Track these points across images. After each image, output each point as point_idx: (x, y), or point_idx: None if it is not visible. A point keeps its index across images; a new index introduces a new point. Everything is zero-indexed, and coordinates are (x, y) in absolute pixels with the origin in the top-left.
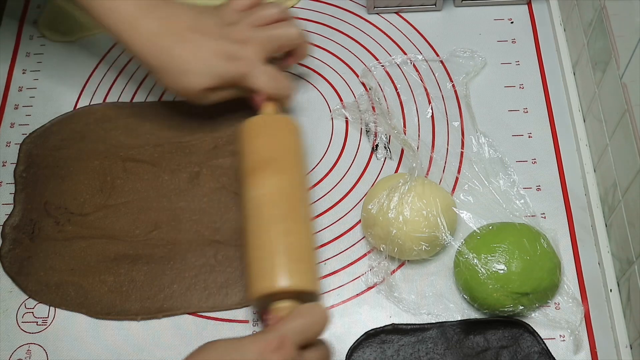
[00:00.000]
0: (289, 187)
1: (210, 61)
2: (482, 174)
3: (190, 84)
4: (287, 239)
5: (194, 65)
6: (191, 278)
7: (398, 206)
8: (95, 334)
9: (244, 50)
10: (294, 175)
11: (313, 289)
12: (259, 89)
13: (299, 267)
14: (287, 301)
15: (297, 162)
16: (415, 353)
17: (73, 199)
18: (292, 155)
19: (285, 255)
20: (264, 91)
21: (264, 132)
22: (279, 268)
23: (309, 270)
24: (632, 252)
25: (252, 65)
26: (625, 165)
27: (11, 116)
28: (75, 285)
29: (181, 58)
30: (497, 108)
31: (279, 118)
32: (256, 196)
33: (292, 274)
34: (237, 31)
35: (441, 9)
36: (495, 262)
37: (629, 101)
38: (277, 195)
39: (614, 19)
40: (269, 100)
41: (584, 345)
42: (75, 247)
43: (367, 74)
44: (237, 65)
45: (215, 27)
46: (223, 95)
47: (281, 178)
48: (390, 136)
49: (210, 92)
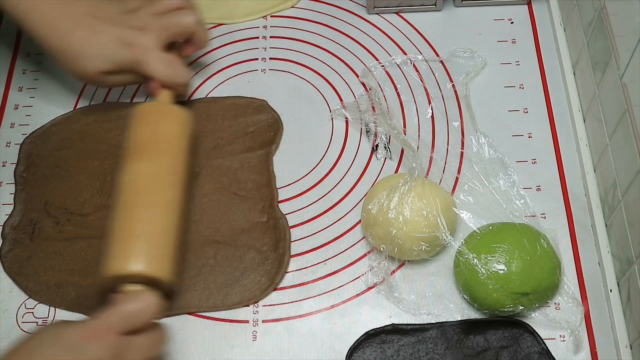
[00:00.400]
0: (157, 175)
1: (106, 46)
2: (482, 174)
3: (86, 67)
4: (146, 225)
5: (90, 50)
6: (191, 278)
7: (398, 206)
8: None
9: (140, 37)
10: (167, 163)
11: (164, 278)
12: (153, 76)
13: (153, 253)
14: (138, 286)
15: (172, 151)
16: (415, 353)
17: (73, 199)
18: (168, 144)
19: (142, 241)
20: (157, 78)
21: (147, 119)
22: (132, 252)
23: (163, 258)
24: (632, 252)
25: (147, 51)
26: (625, 165)
27: (11, 116)
28: (75, 285)
29: (78, 42)
30: (497, 108)
31: (166, 106)
32: (125, 181)
33: (143, 259)
34: (136, 18)
35: (441, 9)
36: (495, 262)
37: (629, 101)
38: (143, 181)
39: (614, 19)
40: (164, 87)
41: (584, 346)
42: (75, 247)
43: (367, 74)
44: (132, 51)
45: (114, 14)
46: (120, 80)
47: (151, 166)
48: (390, 136)
49: (106, 75)
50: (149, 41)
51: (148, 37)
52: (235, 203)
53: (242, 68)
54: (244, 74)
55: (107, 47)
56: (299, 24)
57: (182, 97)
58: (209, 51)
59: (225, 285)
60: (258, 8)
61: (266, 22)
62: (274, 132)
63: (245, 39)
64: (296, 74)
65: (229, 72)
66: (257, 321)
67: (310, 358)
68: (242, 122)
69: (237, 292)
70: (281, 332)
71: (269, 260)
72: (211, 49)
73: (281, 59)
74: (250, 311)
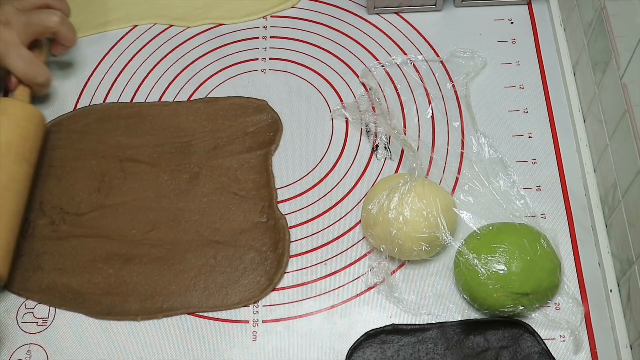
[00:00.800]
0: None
1: None
2: (482, 174)
3: None
4: None
5: None
6: (191, 278)
7: (398, 206)
8: (95, 334)
9: (3, 31)
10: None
11: None
12: (12, 70)
13: None
14: None
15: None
16: (416, 353)
17: (69, 199)
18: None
19: None
20: (15, 74)
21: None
22: None
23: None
24: (632, 252)
25: (7, 46)
26: (625, 166)
27: None
28: (74, 286)
29: None
30: (497, 108)
31: (15, 104)
32: None
33: None
34: (2, 12)
35: (441, 9)
36: (495, 262)
37: (629, 101)
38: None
39: (614, 19)
40: (21, 84)
41: (584, 346)
42: (66, 246)
43: (367, 74)
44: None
45: None
46: None
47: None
48: (390, 136)
49: None
50: (11, 36)
51: (10, 32)
52: (235, 203)
53: (242, 68)
54: (244, 74)
55: None
56: (299, 24)
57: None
58: (209, 51)
59: (225, 285)
60: (258, 8)
61: (266, 22)
62: (274, 132)
63: (245, 39)
64: (296, 74)
65: (229, 72)
66: (257, 321)
67: (310, 358)
68: (242, 122)
69: (237, 292)
70: (281, 332)
71: (269, 261)
72: (211, 49)
73: (281, 59)
74: (250, 311)
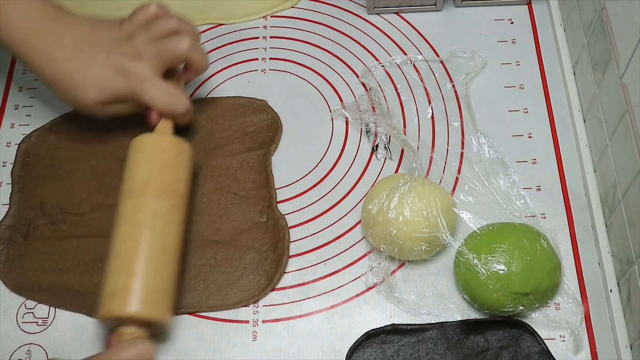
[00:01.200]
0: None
1: (101, 77)
2: (482, 174)
3: (82, 98)
4: (146, 265)
5: (86, 80)
6: (191, 278)
7: (398, 206)
8: (95, 334)
9: (135, 66)
10: (170, 200)
11: (162, 320)
12: (151, 105)
13: (153, 295)
14: (133, 327)
15: (174, 188)
16: (416, 353)
17: (69, 199)
18: (172, 181)
19: (141, 282)
20: (155, 107)
21: (145, 152)
22: (131, 293)
23: (162, 300)
24: (632, 252)
25: (144, 80)
26: (625, 166)
27: (11, 116)
28: (74, 286)
29: (74, 72)
30: (497, 108)
31: (165, 139)
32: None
33: (143, 301)
34: (132, 45)
35: (441, 9)
36: (495, 262)
37: (629, 101)
38: (146, 219)
39: (614, 19)
40: (163, 117)
41: (584, 346)
42: (67, 246)
43: (367, 74)
44: (128, 81)
45: (110, 41)
46: (118, 109)
47: (156, 203)
48: (390, 136)
49: (103, 106)
50: (146, 69)
51: (144, 65)
52: (235, 203)
53: (242, 68)
54: (244, 74)
55: (102, 77)
56: (299, 24)
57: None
58: (209, 51)
59: (225, 285)
60: (258, 8)
61: (266, 22)
62: (274, 132)
63: (245, 39)
64: (296, 74)
65: (229, 72)
66: (257, 321)
67: (311, 358)
68: (241, 122)
69: (237, 292)
70: (281, 332)
71: (269, 261)
72: (211, 49)
73: (281, 59)
74: (250, 311)
